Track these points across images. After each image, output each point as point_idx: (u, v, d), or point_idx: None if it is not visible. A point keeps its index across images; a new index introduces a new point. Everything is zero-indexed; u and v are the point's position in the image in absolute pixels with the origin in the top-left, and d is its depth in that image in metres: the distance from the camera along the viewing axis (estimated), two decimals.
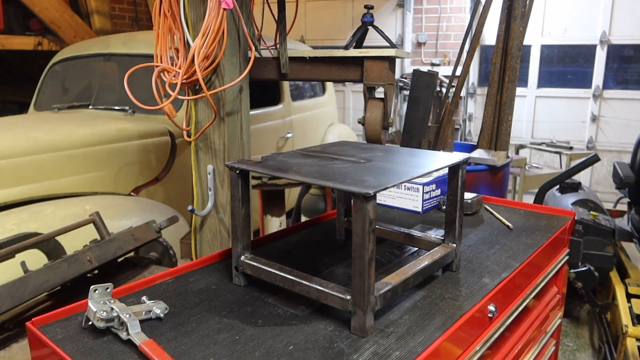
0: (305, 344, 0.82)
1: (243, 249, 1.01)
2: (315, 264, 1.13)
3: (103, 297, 0.88)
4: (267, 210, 2.30)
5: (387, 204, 1.61)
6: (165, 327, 0.87)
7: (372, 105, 1.77)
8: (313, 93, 4.04)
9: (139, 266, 1.57)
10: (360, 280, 0.81)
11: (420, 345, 0.82)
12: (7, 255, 1.26)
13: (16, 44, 4.57)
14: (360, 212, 0.79)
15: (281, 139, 3.47)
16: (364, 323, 0.83)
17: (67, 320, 0.89)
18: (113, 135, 2.40)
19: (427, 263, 0.99)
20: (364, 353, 0.79)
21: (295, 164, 0.98)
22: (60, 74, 3.12)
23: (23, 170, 2.06)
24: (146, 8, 5.87)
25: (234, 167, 0.96)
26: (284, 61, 1.72)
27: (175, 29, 1.51)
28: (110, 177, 2.37)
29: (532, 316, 1.25)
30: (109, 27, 5.24)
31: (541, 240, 1.30)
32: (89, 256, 1.35)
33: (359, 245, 0.80)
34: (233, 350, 0.80)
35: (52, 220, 1.81)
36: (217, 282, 1.05)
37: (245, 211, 0.99)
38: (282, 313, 0.92)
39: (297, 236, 1.33)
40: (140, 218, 2.00)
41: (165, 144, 2.59)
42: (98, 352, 0.79)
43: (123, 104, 2.74)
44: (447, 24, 5.70)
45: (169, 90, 1.49)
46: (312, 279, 0.91)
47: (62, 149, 2.21)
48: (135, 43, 2.90)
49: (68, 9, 4.80)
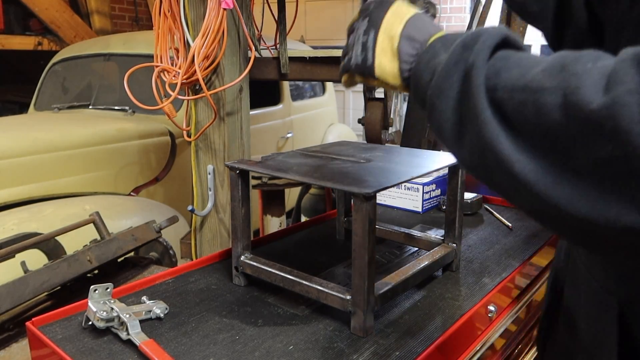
0: (305, 344, 0.82)
1: (243, 249, 1.01)
2: (315, 264, 1.13)
3: (103, 297, 0.88)
4: (267, 210, 2.30)
5: (387, 204, 1.61)
6: (165, 327, 0.87)
7: (372, 105, 1.77)
8: (313, 93, 4.04)
9: (139, 266, 1.57)
10: (360, 280, 0.81)
11: (421, 345, 0.82)
12: (7, 255, 1.26)
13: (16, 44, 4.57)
14: (360, 212, 0.79)
15: (281, 139, 3.47)
16: (364, 323, 0.83)
17: (67, 320, 0.89)
18: (113, 135, 2.40)
19: (427, 263, 1.00)
20: (364, 353, 0.79)
21: (295, 164, 0.98)
22: (60, 74, 3.11)
23: (23, 170, 2.06)
24: (146, 8, 5.87)
25: (234, 167, 0.96)
26: (284, 61, 1.72)
27: (175, 29, 1.51)
28: (110, 177, 2.37)
29: (533, 316, 1.25)
30: (109, 27, 5.24)
31: (541, 240, 1.30)
32: (89, 256, 1.35)
33: (359, 245, 0.80)
34: (233, 350, 0.80)
35: (52, 220, 1.81)
36: (217, 282, 1.05)
37: (245, 211, 0.99)
38: (282, 313, 0.92)
39: (297, 236, 1.33)
40: (140, 218, 2.00)
41: (165, 144, 2.59)
42: (98, 352, 0.79)
43: (123, 104, 2.74)
44: (447, 24, 5.70)
45: (169, 90, 1.49)
46: (312, 279, 0.91)
47: (62, 149, 2.21)
48: (135, 43, 2.90)
49: (68, 9, 4.80)
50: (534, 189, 0.42)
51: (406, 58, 0.59)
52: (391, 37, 0.60)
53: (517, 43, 0.50)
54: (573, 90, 0.40)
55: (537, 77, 0.43)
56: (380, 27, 0.61)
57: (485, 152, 0.45)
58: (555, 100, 0.41)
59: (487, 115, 0.45)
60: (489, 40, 0.49)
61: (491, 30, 0.50)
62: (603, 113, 0.38)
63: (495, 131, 0.44)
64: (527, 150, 0.43)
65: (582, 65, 0.41)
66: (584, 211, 0.40)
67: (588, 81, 0.40)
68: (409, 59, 0.59)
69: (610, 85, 0.38)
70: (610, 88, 0.38)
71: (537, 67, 0.44)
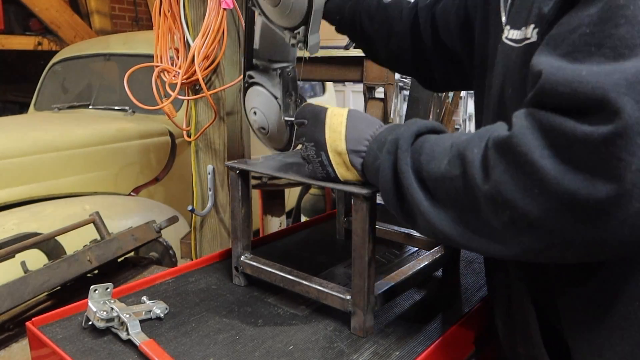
0: (305, 344, 0.82)
1: (243, 249, 1.01)
2: (315, 264, 1.13)
3: (103, 297, 0.88)
4: (267, 210, 2.30)
5: None
6: (165, 327, 0.87)
7: (372, 105, 1.77)
8: (313, 93, 4.03)
9: (139, 266, 1.57)
10: (361, 280, 0.81)
11: (420, 345, 0.82)
12: (7, 255, 1.26)
13: (16, 44, 4.56)
14: (361, 212, 0.79)
15: None
16: (364, 323, 0.83)
17: (67, 320, 0.89)
18: (113, 135, 2.40)
19: (427, 263, 0.99)
20: (364, 353, 0.79)
21: (295, 164, 0.98)
22: (60, 74, 3.11)
23: (23, 170, 2.06)
24: (146, 8, 5.86)
25: (234, 167, 0.96)
26: None
27: (175, 29, 1.51)
28: (110, 177, 2.37)
29: None
30: (109, 27, 5.24)
31: None
32: (89, 256, 1.35)
33: (359, 245, 0.80)
34: (233, 350, 0.80)
35: (52, 220, 1.81)
36: (217, 282, 1.05)
37: (245, 211, 0.99)
38: (282, 313, 0.92)
39: (297, 236, 1.33)
40: (140, 218, 2.00)
41: (165, 144, 2.59)
42: (98, 352, 0.79)
43: (123, 104, 2.74)
44: None
45: (169, 90, 1.49)
46: (312, 279, 0.91)
47: (62, 149, 2.20)
48: (135, 43, 2.90)
49: (68, 9, 4.79)
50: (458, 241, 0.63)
51: (358, 167, 0.77)
52: (339, 153, 0.77)
53: (427, 129, 0.70)
54: (470, 178, 0.58)
55: (447, 168, 0.61)
56: (327, 147, 0.78)
57: (424, 220, 0.65)
58: (462, 184, 0.59)
59: (422, 199, 0.64)
60: (405, 143, 0.67)
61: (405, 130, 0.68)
62: (493, 192, 0.55)
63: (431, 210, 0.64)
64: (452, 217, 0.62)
65: (470, 152, 0.59)
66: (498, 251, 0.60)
67: (476, 168, 0.58)
68: (359, 167, 0.77)
69: (489, 170, 0.56)
70: (489, 173, 0.56)
71: (445, 157, 0.62)
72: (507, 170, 0.53)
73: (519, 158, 0.52)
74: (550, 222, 0.52)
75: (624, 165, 0.46)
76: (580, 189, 0.49)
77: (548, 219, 0.52)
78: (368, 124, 0.77)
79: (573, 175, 0.49)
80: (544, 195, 0.51)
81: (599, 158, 0.48)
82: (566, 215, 0.51)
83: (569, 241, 0.53)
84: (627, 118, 0.46)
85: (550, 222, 0.52)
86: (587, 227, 0.50)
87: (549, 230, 0.53)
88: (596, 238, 0.51)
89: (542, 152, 0.51)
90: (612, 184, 0.47)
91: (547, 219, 0.52)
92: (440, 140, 0.65)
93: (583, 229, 0.51)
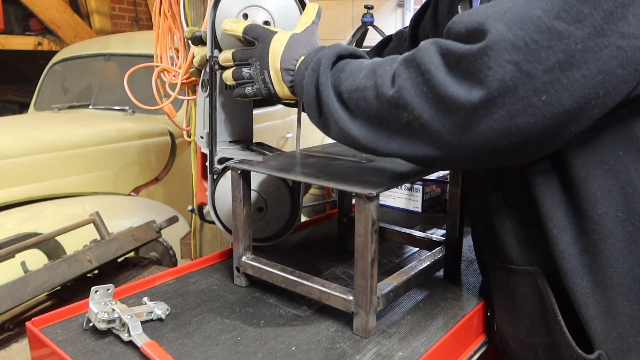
0: (308, 344, 0.82)
1: (244, 250, 1.01)
2: (316, 264, 1.12)
3: (104, 298, 0.87)
4: None
5: (387, 204, 1.61)
6: (167, 329, 0.86)
7: None
8: None
9: (139, 266, 1.57)
10: (363, 280, 0.81)
11: (423, 346, 0.82)
12: (7, 255, 1.26)
13: (16, 44, 4.56)
14: (364, 212, 0.79)
15: (281, 139, 3.46)
16: (366, 324, 0.83)
17: (68, 321, 0.89)
18: (113, 135, 2.40)
19: (429, 263, 0.99)
20: (366, 354, 0.79)
21: (296, 164, 0.97)
22: (60, 74, 3.11)
23: (23, 170, 2.06)
24: (146, 8, 5.86)
25: (235, 167, 0.96)
26: None
27: (175, 29, 1.51)
28: (110, 177, 2.37)
29: None
30: (109, 27, 5.23)
31: None
32: (89, 256, 1.35)
33: (362, 245, 0.80)
34: (235, 351, 0.80)
35: (52, 220, 1.81)
36: (218, 282, 1.04)
37: (246, 211, 0.99)
38: (284, 314, 0.92)
39: (297, 236, 1.33)
40: (140, 218, 2.00)
41: (165, 144, 2.59)
42: (100, 354, 0.79)
43: (123, 104, 2.74)
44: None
45: (169, 90, 1.49)
46: (314, 280, 0.90)
47: (62, 149, 2.20)
48: (135, 43, 2.89)
49: (68, 9, 4.79)
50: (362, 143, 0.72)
51: (288, 84, 0.86)
52: (276, 71, 0.87)
53: (348, 53, 0.80)
54: (379, 86, 0.68)
55: (361, 81, 0.71)
56: (269, 66, 0.87)
57: (337, 126, 0.74)
58: (372, 93, 0.69)
59: (337, 108, 0.74)
60: (327, 62, 0.77)
61: (328, 51, 0.78)
62: (395, 96, 0.65)
63: (343, 116, 0.73)
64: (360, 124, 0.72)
65: (382, 68, 0.69)
66: (394, 150, 0.70)
67: (385, 78, 0.68)
68: (289, 84, 0.86)
69: (395, 79, 0.66)
70: (395, 81, 0.66)
71: (361, 73, 0.72)
72: (409, 78, 0.64)
73: (420, 68, 0.63)
74: (436, 124, 0.62)
75: (492, 74, 0.57)
76: (461, 95, 0.59)
77: (435, 120, 0.62)
78: (300, 46, 0.86)
79: (458, 85, 0.60)
80: (434, 99, 0.62)
81: (474, 67, 0.58)
82: (449, 117, 0.61)
83: (449, 145, 0.63)
84: (496, 34, 0.57)
85: (436, 124, 0.62)
86: (464, 130, 0.61)
87: (435, 131, 0.63)
88: (469, 142, 0.61)
89: (437, 67, 0.62)
90: (483, 90, 0.58)
91: (434, 120, 0.62)
92: (361, 62, 0.76)
93: (460, 132, 0.61)
